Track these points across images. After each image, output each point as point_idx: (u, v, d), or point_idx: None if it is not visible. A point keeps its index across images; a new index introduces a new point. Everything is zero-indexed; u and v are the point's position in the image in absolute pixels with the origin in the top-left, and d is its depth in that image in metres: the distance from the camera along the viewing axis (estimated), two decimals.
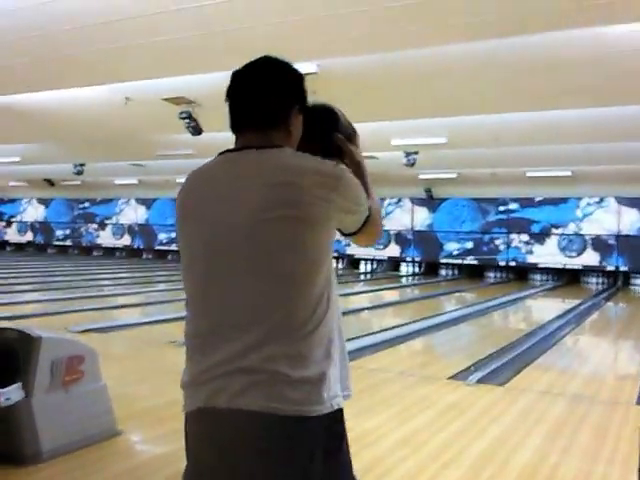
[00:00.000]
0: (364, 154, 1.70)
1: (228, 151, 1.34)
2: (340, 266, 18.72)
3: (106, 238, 21.61)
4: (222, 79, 1.53)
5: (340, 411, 1.29)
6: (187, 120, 7.60)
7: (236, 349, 1.20)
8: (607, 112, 8.03)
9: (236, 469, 1.19)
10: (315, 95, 1.56)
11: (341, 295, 6.59)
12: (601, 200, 15.00)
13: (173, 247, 19.57)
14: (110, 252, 21.40)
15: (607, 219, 14.93)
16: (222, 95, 1.42)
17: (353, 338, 6.43)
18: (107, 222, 21.57)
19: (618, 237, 14.77)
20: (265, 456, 1.17)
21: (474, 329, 8.14)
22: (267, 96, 1.32)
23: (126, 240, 21.26)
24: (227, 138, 1.43)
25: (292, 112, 1.35)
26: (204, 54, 5.99)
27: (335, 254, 14.99)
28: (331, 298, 1.29)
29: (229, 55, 5.90)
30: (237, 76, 1.36)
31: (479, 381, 4.70)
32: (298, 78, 1.39)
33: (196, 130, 7.80)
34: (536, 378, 4.94)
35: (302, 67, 5.31)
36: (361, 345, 6.03)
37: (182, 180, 1.40)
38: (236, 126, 1.35)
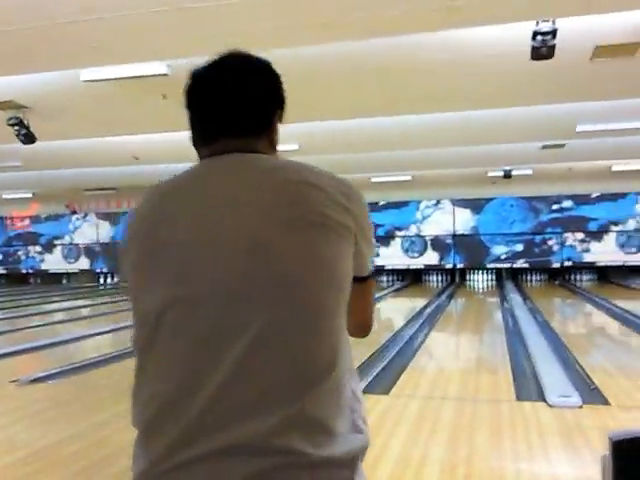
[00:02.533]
0: None
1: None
2: None
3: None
4: (57, 79, 1.16)
5: None
6: (17, 127, 6.68)
7: None
8: (446, 117, 8.45)
9: None
10: (166, 99, 1.23)
11: None
12: (438, 202, 15.95)
13: None
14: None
15: (444, 220, 15.91)
16: (58, 98, 1.04)
17: None
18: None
19: (454, 236, 15.80)
20: None
21: None
22: (251, 100, 1.08)
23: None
24: (66, 146, 1.06)
25: (275, 118, 1.13)
26: (36, 51, 5.25)
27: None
28: None
29: (69, 52, 5.24)
30: (205, 76, 1.10)
31: (364, 391, 4.56)
32: (278, 78, 1.13)
33: (28, 138, 6.88)
34: (416, 383, 4.92)
35: (151, 68, 4.84)
36: None
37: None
38: (209, 136, 1.08)
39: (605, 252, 15.05)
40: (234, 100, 1.06)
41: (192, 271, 0.92)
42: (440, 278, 16.30)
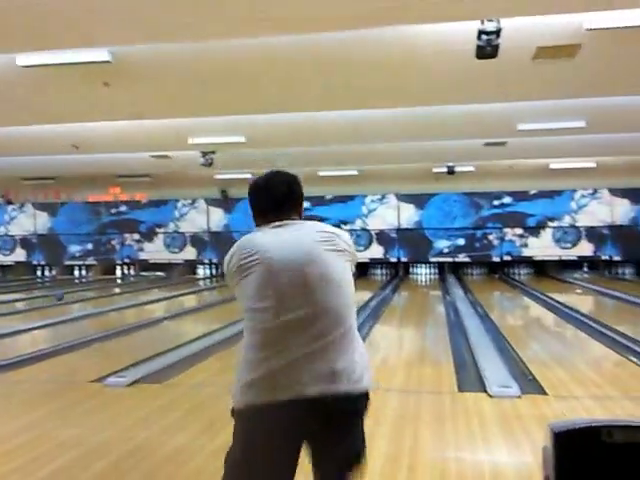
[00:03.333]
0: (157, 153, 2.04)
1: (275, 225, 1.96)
2: (132, 272, 17.66)
3: None
4: None
5: None
6: None
7: None
8: (393, 113, 8.54)
9: None
10: (108, 87, 1.22)
11: (135, 305, 6.01)
12: (383, 197, 16.12)
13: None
14: None
15: (389, 214, 16.10)
16: None
17: (164, 352, 5.93)
18: None
19: (398, 230, 16.01)
20: None
21: None
22: (293, 198, 2.03)
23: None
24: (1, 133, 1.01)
25: (301, 204, 2.07)
26: None
27: (127, 260, 14.00)
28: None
29: (3, 35, 5.01)
30: (266, 185, 2.03)
31: None
32: (301, 184, 2.06)
33: None
34: None
35: (93, 55, 4.65)
36: (175, 359, 5.57)
37: None
38: (266, 215, 1.98)
39: (542, 247, 15.58)
40: (286, 198, 2.00)
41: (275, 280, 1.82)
42: (385, 271, 16.51)
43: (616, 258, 15.45)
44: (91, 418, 3.99)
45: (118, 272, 17.68)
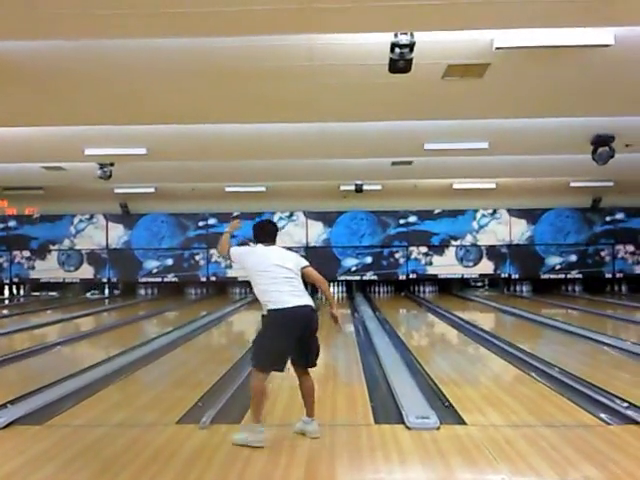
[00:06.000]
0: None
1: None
2: (22, 293, 16.39)
3: None
4: None
5: None
6: None
7: None
8: (301, 129, 8.34)
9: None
10: None
11: (25, 328, 5.34)
12: (291, 214, 15.91)
13: None
14: None
15: (297, 232, 15.90)
16: None
17: (46, 386, 5.30)
18: None
19: (307, 248, 15.79)
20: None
21: (193, 354, 7.59)
22: (275, 233, 4.23)
23: None
24: None
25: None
26: None
27: (16, 279, 12.83)
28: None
29: None
30: (266, 225, 4.25)
31: (212, 422, 4.16)
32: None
33: None
34: (269, 410, 4.61)
35: None
36: (58, 395, 4.98)
37: None
38: (264, 241, 4.10)
39: (446, 265, 15.93)
40: (274, 233, 4.21)
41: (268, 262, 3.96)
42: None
43: (515, 276, 16.05)
44: None
45: (6, 292, 16.35)
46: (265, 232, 4.09)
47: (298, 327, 3.76)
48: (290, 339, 3.74)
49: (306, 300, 3.82)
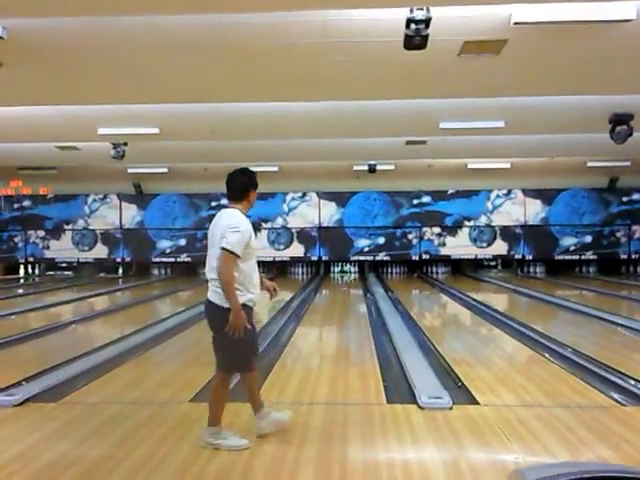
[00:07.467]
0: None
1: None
2: (37, 272, 16.56)
3: None
4: None
5: None
6: None
7: None
8: (314, 108, 8.25)
9: None
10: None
11: (40, 307, 5.39)
12: (304, 195, 15.86)
13: None
14: None
15: (310, 212, 15.86)
16: None
17: (61, 364, 5.35)
18: None
19: (319, 229, 15.80)
20: None
21: (206, 333, 7.61)
22: (236, 187, 3.51)
23: None
24: None
25: (249, 193, 3.52)
26: None
27: (31, 258, 12.98)
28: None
29: None
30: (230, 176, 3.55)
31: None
32: (252, 175, 3.58)
33: None
34: (282, 387, 4.62)
35: None
36: (73, 373, 5.03)
37: None
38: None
39: (459, 246, 15.83)
40: (232, 187, 3.50)
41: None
42: (305, 270, 16.28)
43: (528, 257, 15.93)
44: None
45: (21, 271, 16.50)
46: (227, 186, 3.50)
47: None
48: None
49: (209, 293, 3.46)
